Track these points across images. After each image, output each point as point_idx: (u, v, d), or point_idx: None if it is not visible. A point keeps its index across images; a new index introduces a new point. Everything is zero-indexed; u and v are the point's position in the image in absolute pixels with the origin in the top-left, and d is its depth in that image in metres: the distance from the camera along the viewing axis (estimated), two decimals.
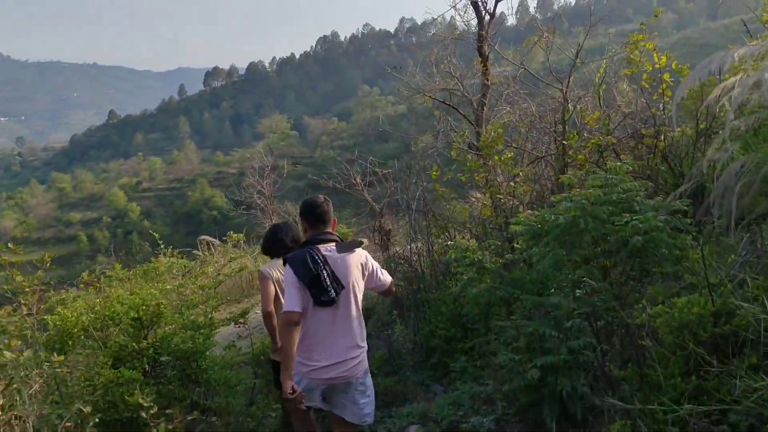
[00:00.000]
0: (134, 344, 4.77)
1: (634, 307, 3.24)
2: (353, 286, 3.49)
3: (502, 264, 4.49)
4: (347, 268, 3.48)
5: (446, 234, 6.45)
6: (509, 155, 6.15)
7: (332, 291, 3.34)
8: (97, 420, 4.22)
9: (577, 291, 3.77)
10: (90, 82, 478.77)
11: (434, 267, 6.39)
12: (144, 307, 4.86)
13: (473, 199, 9.90)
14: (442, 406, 4.77)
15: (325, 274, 3.34)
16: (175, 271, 6.34)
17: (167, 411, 4.45)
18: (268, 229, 4.93)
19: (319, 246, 3.46)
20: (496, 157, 6.07)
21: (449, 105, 8.20)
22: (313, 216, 3.56)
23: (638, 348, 3.17)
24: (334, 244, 3.50)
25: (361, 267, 3.58)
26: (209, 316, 5.46)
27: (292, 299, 3.34)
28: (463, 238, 6.11)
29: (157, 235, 6.58)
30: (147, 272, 7.69)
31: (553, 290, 4.13)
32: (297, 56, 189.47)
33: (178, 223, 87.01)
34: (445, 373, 5.51)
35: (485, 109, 8.47)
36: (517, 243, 4.72)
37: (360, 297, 3.57)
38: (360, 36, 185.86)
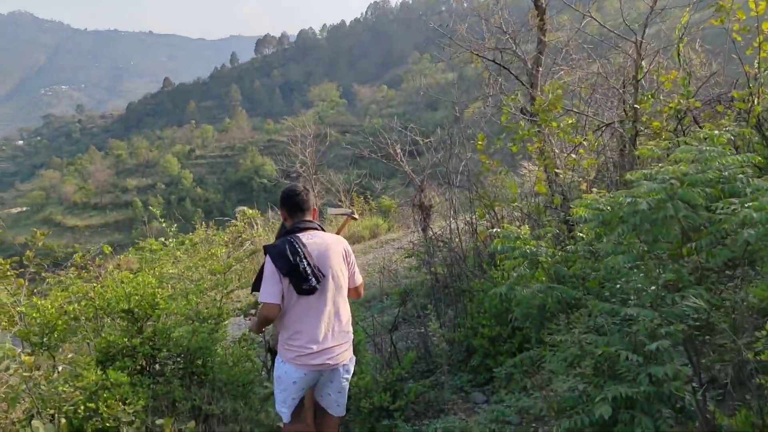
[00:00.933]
0: (125, 340, 4.12)
1: (751, 330, 2.34)
2: (336, 274, 3.43)
3: (560, 257, 3.61)
4: (329, 255, 3.42)
5: (492, 213, 5.55)
6: (570, 121, 5.17)
7: (313, 279, 3.29)
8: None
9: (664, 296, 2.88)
10: (146, 51, 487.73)
11: (478, 251, 5.55)
12: (136, 297, 4.19)
13: (525, 171, 8.93)
14: (483, 423, 3.98)
15: (305, 263, 3.28)
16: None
17: (158, 422, 3.82)
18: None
19: (299, 234, 3.41)
20: (554, 124, 5.11)
21: (500, 65, 7.21)
22: (292, 205, 3.54)
23: (756, 389, 2.28)
24: (315, 231, 3.48)
25: (344, 253, 3.53)
26: (218, 305, 4.77)
27: (268, 290, 3.34)
28: (513, 222, 5.20)
29: (158, 212, 5.87)
30: (182, 242, 7.09)
31: (626, 292, 3.25)
32: (347, 23, 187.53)
33: (229, 191, 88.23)
34: (488, 379, 4.70)
35: (541, 69, 7.46)
36: (580, 230, 3.83)
37: (345, 284, 3.51)
38: (411, 2, 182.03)
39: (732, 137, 3.72)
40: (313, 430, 3.66)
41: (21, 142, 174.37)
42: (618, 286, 3.23)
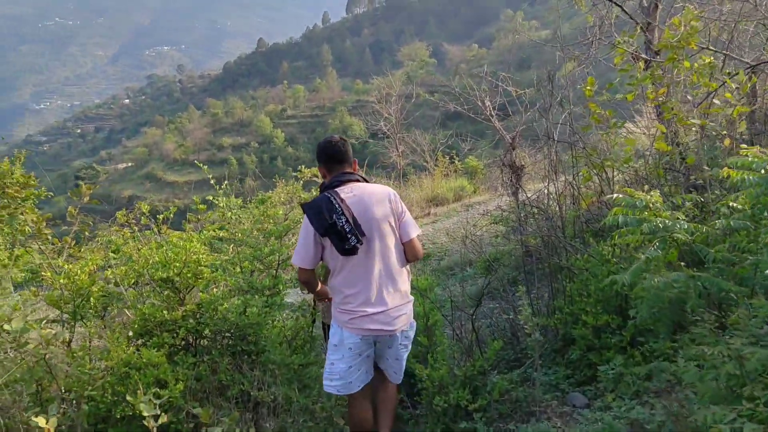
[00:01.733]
0: (164, 313, 3.59)
1: None
2: (382, 229, 3.10)
3: (700, 235, 2.68)
4: (372, 209, 3.09)
5: (603, 174, 4.58)
6: (707, 60, 4.09)
7: (353, 238, 2.98)
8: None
9: None
10: (242, 11, 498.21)
11: (582, 221, 4.64)
12: (177, 265, 3.65)
13: (632, 129, 7.77)
14: None
15: (343, 221, 2.97)
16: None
17: (195, 410, 3.28)
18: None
19: (338, 189, 3.10)
20: (686, 64, 4.07)
21: (611, 1, 6.10)
22: (327, 157, 3.23)
23: None
24: (356, 184, 3.15)
25: (390, 204, 3.15)
26: (272, 273, 4.18)
27: (301, 253, 3.12)
28: (627, 187, 4.21)
29: (205, 170, 5.32)
30: (263, 201, 6.64)
31: None
32: None
33: None
34: (590, 377, 3.86)
35: (659, 6, 6.31)
36: (733, 199, 2.88)
37: (395, 239, 3.16)
38: None
39: None
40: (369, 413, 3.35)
41: (127, 101, 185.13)
42: None
